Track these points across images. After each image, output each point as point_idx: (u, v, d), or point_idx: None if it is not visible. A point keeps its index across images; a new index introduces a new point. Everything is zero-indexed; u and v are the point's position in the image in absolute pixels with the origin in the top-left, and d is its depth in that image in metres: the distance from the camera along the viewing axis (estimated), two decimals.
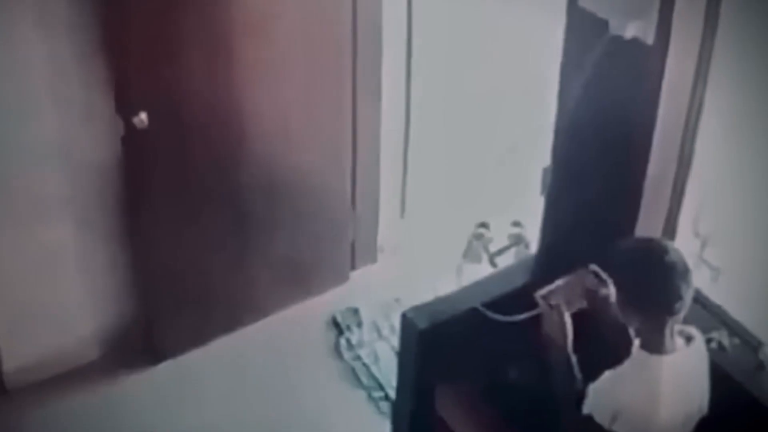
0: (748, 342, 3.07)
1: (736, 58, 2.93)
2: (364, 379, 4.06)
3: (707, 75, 2.98)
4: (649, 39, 2.86)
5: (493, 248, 4.39)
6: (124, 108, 3.53)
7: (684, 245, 3.26)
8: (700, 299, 3.20)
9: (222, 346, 4.14)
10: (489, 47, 4.34)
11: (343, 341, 4.19)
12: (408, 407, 3.53)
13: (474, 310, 3.26)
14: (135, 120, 3.52)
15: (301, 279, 4.30)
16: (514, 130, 4.47)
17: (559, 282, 2.83)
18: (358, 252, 4.50)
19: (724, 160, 3.11)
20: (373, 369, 4.08)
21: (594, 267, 2.82)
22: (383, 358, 4.12)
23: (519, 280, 3.41)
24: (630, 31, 2.89)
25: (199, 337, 4.09)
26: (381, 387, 4.01)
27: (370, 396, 4.00)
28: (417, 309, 3.37)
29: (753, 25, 2.87)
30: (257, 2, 3.61)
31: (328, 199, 4.23)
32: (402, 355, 3.56)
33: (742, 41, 2.90)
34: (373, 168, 4.36)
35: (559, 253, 3.38)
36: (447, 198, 4.59)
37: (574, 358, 2.77)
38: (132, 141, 3.59)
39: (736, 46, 2.91)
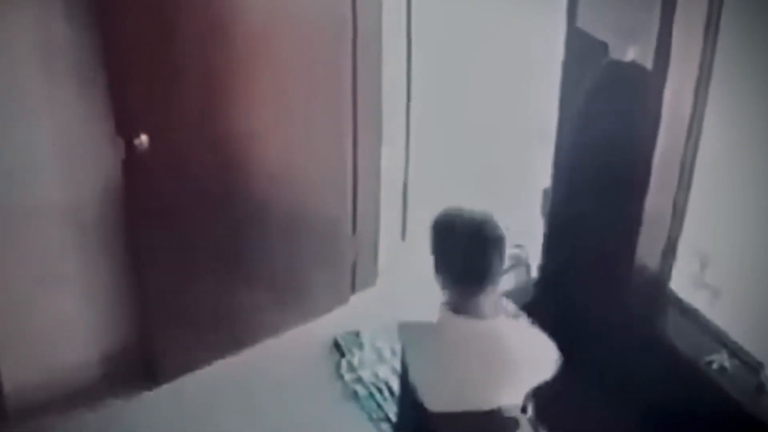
0: (749, 363, 3.07)
1: (735, 80, 2.94)
2: (366, 402, 4.05)
3: (706, 97, 2.99)
4: (648, 63, 2.88)
5: None
6: (125, 130, 3.53)
7: (684, 267, 3.28)
8: (700, 321, 3.21)
9: (222, 368, 4.13)
10: (489, 70, 4.36)
11: (344, 363, 4.18)
12: (410, 430, 3.52)
13: None
14: (136, 142, 3.53)
15: (302, 301, 4.30)
16: (514, 152, 4.48)
17: None
18: (358, 274, 4.50)
19: (724, 182, 3.12)
20: (374, 391, 4.07)
21: None
22: (385, 380, 4.11)
23: (520, 301, 3.42)
24: (629, 55, 2.90)
25: (199, 359, 4.08)
26: (382, 409, 4.00)
27: (371, 418, 3.99)
28: None
29: (751, 48, 2.88)
30: (257, 26, 3.63)
31: (329, 221, 4.23)
32: (403, 378, 3.55)
33: (740, 63, 2.91)
34: (373, 189, 4.36)
35: (559, 274, 3.39)
36: None
37: None
38: (133, 163, 3.59)
39: (735, 68, 2.92)
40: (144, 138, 3.53)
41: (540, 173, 3.50)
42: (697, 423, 2.95)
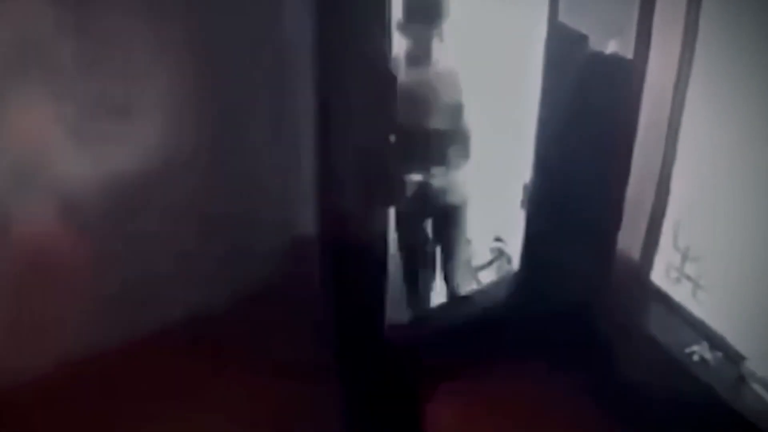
0: (730, 355, 3.07)
1: (716, 71, 2.94)
2: None
3: (686, 89, 2.99)
4: (629, 54, 2.88)
5: (475, 263, 4.40)
6: None
7: (665, 259, 3.28)
8: (681, 313, 3.22)
9: None
10: (470, 64, 4.35)
11: None
12: (394, 426, 3.53)
13: (456, 328, 3.27)
14: None
15: None
16: (496, 143, 4.48)
17: None
18: None
19: (705, 174, 3.12)
20: None
21: None
22: None
23: (501, 296, 3.42)
24: (610, 47, 2.91)
25: None
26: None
27: None
28: (398, 327, 3.38)
29: (732, 40, 2.88)
30: None
31: None
32: (386, 373, 3.55)
33: (721, 55, 2.91)
34: None
35: (540, 267, 3.39)
36: None
37: None
38: None
39: (716, 59, 2.92)
40: None
41: (520, 167, 3.50)
42: (678, 414, 2.96)
